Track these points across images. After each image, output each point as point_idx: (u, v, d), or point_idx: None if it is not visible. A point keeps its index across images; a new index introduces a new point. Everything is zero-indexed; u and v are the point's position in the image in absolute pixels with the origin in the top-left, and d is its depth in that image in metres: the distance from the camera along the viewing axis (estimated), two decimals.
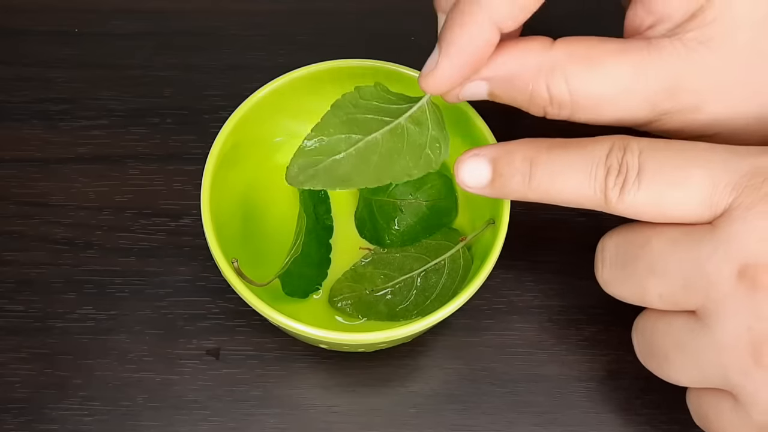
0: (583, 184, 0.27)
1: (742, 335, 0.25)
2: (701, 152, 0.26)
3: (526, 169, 0.28)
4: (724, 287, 0.25)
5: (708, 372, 0.26)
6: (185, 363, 0.34)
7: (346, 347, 0.32)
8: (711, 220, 0.26)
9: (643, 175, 0.26)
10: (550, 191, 0.27)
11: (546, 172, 0.27)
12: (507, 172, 0.28)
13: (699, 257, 0.25)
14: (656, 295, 0.27)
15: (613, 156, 0.26)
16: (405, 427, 0.34)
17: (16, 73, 0.41)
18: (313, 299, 0.34)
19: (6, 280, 0.36)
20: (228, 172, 0.32)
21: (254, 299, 0.29)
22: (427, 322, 0.29)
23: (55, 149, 0.39)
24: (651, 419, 0.34)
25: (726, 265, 0.25)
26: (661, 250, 0.26)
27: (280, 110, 0.34)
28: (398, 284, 0.34)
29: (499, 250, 0.30)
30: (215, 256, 0.30)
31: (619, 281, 0.28)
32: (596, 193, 0.27)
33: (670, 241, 0.26)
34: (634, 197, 0.26)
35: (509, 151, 0.28)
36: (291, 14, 0.43)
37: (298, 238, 0.33)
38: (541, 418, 0.34)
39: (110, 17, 0.43)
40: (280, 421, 0.34)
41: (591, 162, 0.27)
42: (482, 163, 0.29)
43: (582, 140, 0.27)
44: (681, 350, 0.27)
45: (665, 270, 0.26)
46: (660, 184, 0.26)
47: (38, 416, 0.33)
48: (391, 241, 0.35)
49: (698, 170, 0.25)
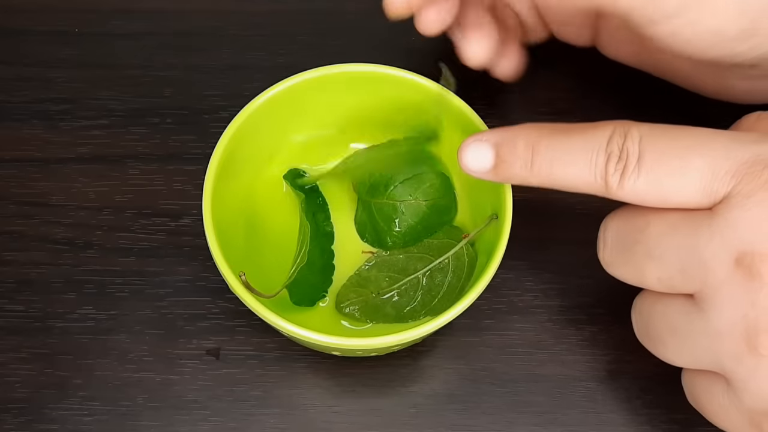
0: (583, 171, 0.27)
1: (737, 322, 0.25)
2: (702, 139, 0.26)
3: (528, 155, 0.28)
4: (720, 274, 0.25)
5: (702, 356, 0.27)
6: (185, 363, 0.34)
7: (360, 352, 0.32)
8: (711, 207, 0.26)
9: (643, 162, 0.26)
10: (552, 177, 0.28)
11: (547, 158, 0.28)
12: (509, 157, 0.28)
13: (697, 243, 0.26)
14: (654, 279, 0.27)
15: (614, 142, 0.27)
16: (405, 427, 0.34)
17: (16, 73, 0.41)
18: (318, 307, 0.34)
19: (6, 280, 0.36)
20: (228, 182, 0.32)
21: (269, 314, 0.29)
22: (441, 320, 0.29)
23: (55, 149, 0.39)
24: (651, 419, 0.34)
25: (723, 251, 0.25)
26: (660, 234, 0.27)
27: (277, 118, 0.34)
28: (404, 285, 0.34)
29: (506, 242, 0.30)
30: (222, 271, 0.30)
31: (620, 263, 0.28)
32: (597, 179, 0.27)
33: (669, 226, 0.26)
34: (635, 184, 0.26)
35: (512, 136, 0.29)
36: (291, 14, 0.43)
37: (303, 247, 0.32)
38: (541, 418, 0.34)
39: (110, 17, 0.43)
40: (280, 421, 0.34)
41: (592, 148, 0.27)
42: (485, 148, 0.29)
43: (584, 126, 0.28)
44: (676, 333, 0.27)
45: (663, 255, 0.26)
46: (660, 171, 0.26)
47: (38, 416, 0.33)
48: (393, 242, 0.35)
49: (698, 158, 0.26)
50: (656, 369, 0.34)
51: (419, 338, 0.30)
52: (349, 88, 0.34)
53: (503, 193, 0.31)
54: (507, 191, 0.31)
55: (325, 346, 0.29)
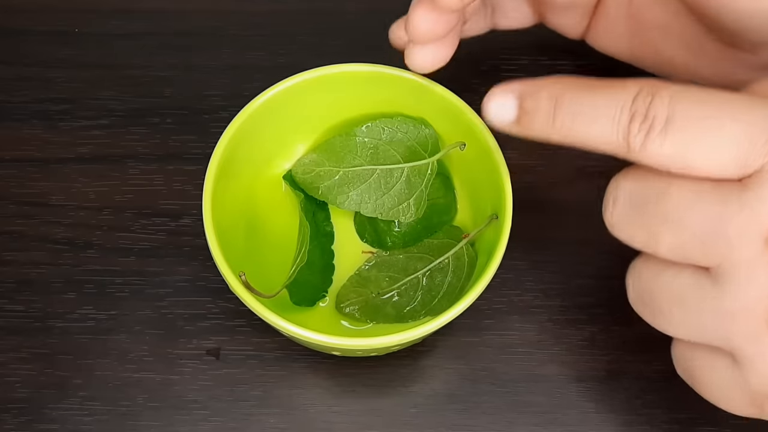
0: (605, 129, 0.25)
1: (758, 302, 0.24)
2: (740, 104, 0.24)
3: (550, 108, 0.27)
4: (747, 251, 0.24)
5: (710, 330, 0.25)
6: (185, 363, 0.34)
7: (360, 352, 0.32)
8: (740, 179, 0.24)
9: (671, 124, 0.24)
10: (573, 133, 0.26)
11: (570, 112, 0.26)
12: (532, 109, 0.27)
13: (722, 216, 0.24)
14: (667, 245, 0.25)
15: (640, 101, 0.25)
16: (405, 427, 0.34)
17: (16, 73, 0.41)
18: (318, 306, 0.34)
19: (6, 280, 0.36)
20: (228, 182, 0.32)
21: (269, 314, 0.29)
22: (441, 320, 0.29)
23: (55, 149, 0.39)
24: (651, 419, 0.34)
25: (753, 228, 0.24)
26: (682, 200, 0.25)
27: (277, 118, 0.34)
28: (404, 285, 0.34)
29: (506, 242, 0.30)
30: (222, 271, 0.30)
31: (629, 225, 0.26)
32: (619, 138, 0.25)
33: (693, 193, 0.25)
34: (660, 147, 0.24)
35: (537, 88, 0.27)
36: (291, 14, 0.43)
37: (303, 247, 0.32)
38: (541, 418, 0.34)
39: (110, 17, 0.43)
40: (280, 421, 0.34)
41: (616, 106, 0.25)
42: (510, 99, 0.28)
43: (610, 82, 0.26)
44: (683, 305, 0.26)
45: (682, 222, 0.25)
46: (689, 135, 0.24)
47: (38, 416, 0.33)
48: (393, 242, 0.35)
49: (735, 124, 0.24)
50: (656, 369, 0.34)
51: (419, 338, 0.30)
52: (349, 88, 0.34)
53: (503, 193, 0.31)
54: (507, 191, 0.31)
55: (325, 346, 0.29)
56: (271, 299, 0.30)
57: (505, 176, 0.31)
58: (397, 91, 0.34)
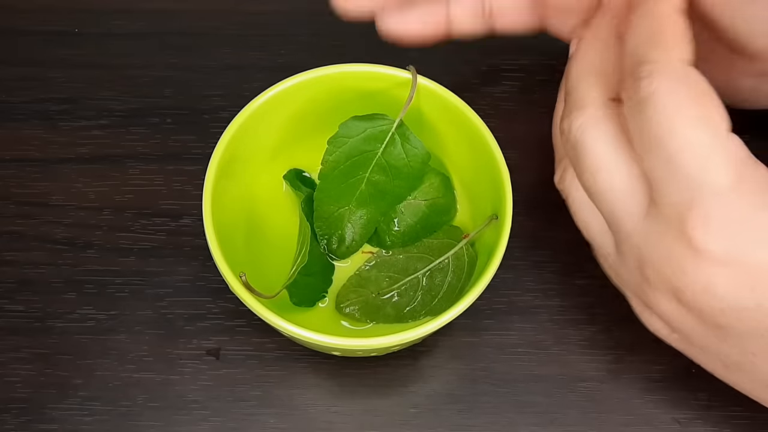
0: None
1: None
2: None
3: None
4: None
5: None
6: (185, 363, 0.34)
7: (360, 353, 0.32)
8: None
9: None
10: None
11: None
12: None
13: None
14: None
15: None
16: (405, 427, 0.34)
17: (16, 73, 0.41)
18: (318, 307, 0.34)
19: (6, 280, 0.36)
20: (228, 182, 0.32)
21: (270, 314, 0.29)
22: (441, 320, 0.29)
23: (55, 149, 0.39)
24: (651, 419, 0.34)
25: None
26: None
27: (277, 118, 0.34)
28: (404, 285, 0.34)
29: (506, 242, 0.30)
30: (222, 271, 0.30)
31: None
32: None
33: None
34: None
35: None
36: (291, 14, 0.43)
37: (303, 247, 0.32)
38: (541, 418, 0.34)
39: (110, 17, 0.43)
40: (280, 421, 0.34)
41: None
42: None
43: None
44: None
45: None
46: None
47: (38, 416, 0.33)
48: (392, 242, 0.35)
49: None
50: (656, 369, 0.34)
51: (419, 338, 0.30)
52: (349, 88, 0.34)
53: (503, 193, 0.31)
54: (507, 191, 0.31)
55: (325, 346, 0.29)
56: (271, 299, 0.30)
57: (505, 176, 0.31)
58: (397, 92, 0.34)
